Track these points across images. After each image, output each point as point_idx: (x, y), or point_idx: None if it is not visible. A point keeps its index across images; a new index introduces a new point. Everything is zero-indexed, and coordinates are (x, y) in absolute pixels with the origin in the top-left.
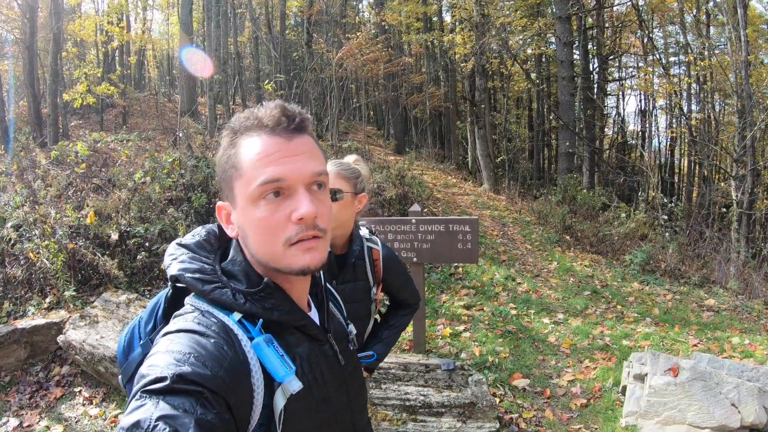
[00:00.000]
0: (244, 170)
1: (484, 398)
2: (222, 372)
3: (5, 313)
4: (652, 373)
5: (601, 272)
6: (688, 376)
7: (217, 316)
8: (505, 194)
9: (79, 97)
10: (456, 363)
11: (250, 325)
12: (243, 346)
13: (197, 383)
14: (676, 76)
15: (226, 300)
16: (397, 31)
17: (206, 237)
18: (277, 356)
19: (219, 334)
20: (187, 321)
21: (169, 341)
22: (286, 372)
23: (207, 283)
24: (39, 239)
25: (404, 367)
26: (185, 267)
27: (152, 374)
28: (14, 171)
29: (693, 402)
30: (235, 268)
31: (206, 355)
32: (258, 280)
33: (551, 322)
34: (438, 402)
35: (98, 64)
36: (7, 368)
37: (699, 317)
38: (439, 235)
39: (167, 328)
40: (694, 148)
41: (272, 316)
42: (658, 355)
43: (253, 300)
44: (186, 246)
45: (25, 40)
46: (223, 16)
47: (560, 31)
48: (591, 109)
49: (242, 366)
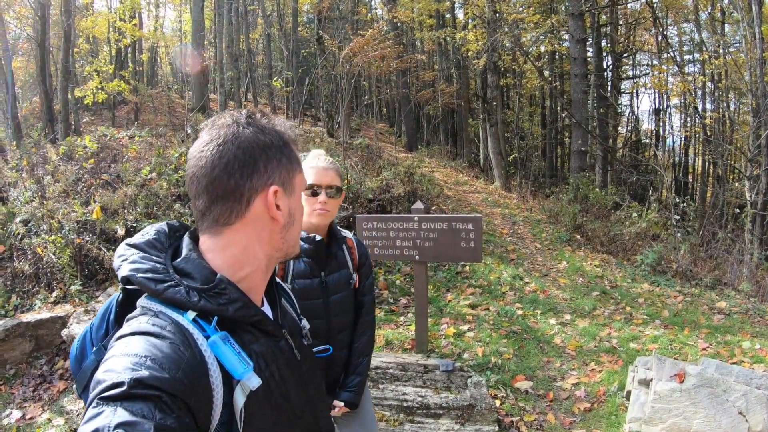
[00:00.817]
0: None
1: (483, 400)
2: (180, 374)
3: (12, 306)
4: (657, 378)
5: (611, 272)
6: (695, 383)
7: (171, 316)
8: (516, 192)
9: (90, 93)
10: (455, 364)
11: (205, 324)
12: (199, 345)
13: (155, 387)
14: (691, 75)
15: (179, 298)
16: (409, 28)
17: (156, 236)
18: (234, 353)
19: (174, 334)
20: (141, 323)
21: (124, 345)
22: (245, 369)
23: (160, 282)
24: (46, 234)
25: (402, 367)
26: (136, 267)
27: (109, 380)
28: (25, 167)
29: (699, 409)
30: (189, 265)
31: (163, 358)
32: (211, 277)
33: (558, 323)
34: (436, 403)
35: (111, 61)
36: (13, 361)
37: (709, 320)
38: (442, 233)
39: (121, 331)
40: (707, 147)
41: (227, 313)
42: (664, 360)
43: (208, 297)
44: (136, 246)
45: (37, 37)
46: (235, 13)
47: (573, 28)
48: (604, 107)
49: (200, 366)
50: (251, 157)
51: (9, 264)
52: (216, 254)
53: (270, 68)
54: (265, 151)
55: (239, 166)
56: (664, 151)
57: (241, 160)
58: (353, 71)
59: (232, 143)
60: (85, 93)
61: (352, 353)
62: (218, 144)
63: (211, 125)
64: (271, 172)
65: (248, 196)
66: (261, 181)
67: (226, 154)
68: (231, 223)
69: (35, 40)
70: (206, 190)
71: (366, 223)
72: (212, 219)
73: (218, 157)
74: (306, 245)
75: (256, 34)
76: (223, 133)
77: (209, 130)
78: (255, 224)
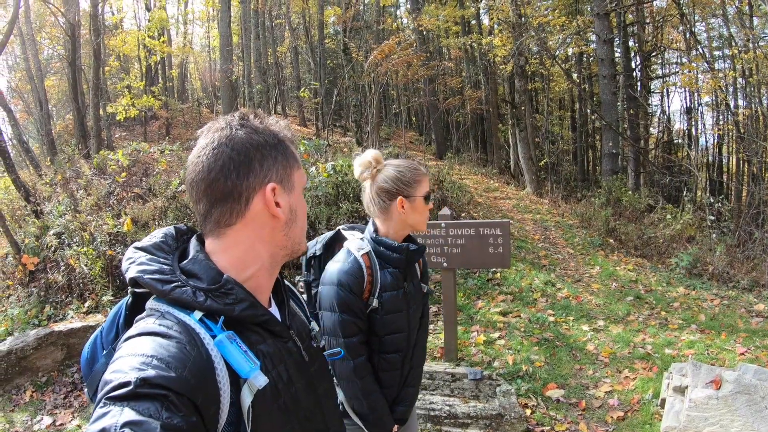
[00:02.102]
0: (300, 167)
1: (512, 410)
2: (186, 373)
3: (46, 316)
4: (692, 385)
5: (645, 276)
6: (732, 389)
7: (178, 316)
8: (548, 197)
9: (122, 109)
10: (484, 372)
11: (212, 323)
12: (206, 345)
13: (162, 386)
14: (721, 71)
15: (186, 299)
16: (435, 36)
17: (163, 238)
18: (240, 352)
19: (181, 334)
20: (148, 323)
21: (131, 345)
22: (251, 367)
23: (166, 283)
24: (78, 246)
25: (430, 375)
26: (143, 269)
27: (116, 380)
28: (59, 181)
29: (736, 417)
30: (195, 266)
31: (169, 357)
32: (218, 277)
33: (590, 329)
34: (464, 413)
35: (141, 77)
36: (45, 369)
37: (747, 323)
38: (469, 239)
39: (129, 332)
40: (741, 145)
41: (234, 312)
42: (700, 366)
43: (214, 297)
44: (143, 248)
45: (68, 56)
46: (262, 27)
47: (599, 29)
48: (634, 108)
49: (206, 365)
50: (246, 157)
51: (43, 275)
52: (220, 255)
53: (298, 80)
54: (259, 150)
55: (235, 166)
56: (697, 150)
57: (236, 160)
58: (380, 80)
59: (226, 145)
60: (116, 109)
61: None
62: (213, 148)
63: (206, 131)
64: (267, 170)
65: (246, 195)
66: (258, 180)
67: (221, 156)
68: (232, 224)
69: (66, 59)
70: (205, 193)
71: None
72: (214, 221)
73: (214, 160)
74: (398, 255)
75: (283, 47)
76: (217, 137)
77: (205, 135)
78: (256, 223)
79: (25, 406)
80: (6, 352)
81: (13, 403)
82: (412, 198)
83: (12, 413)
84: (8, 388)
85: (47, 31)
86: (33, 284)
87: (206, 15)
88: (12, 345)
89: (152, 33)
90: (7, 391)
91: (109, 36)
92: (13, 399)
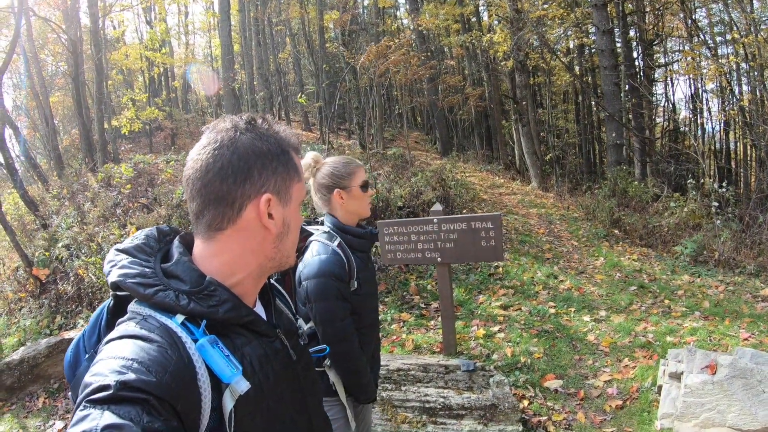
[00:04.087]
0: (302, 181)
1: (506, 400)
2: (167, 377)
3: (57, 326)
4: (688, 371)
5: (650, 266)
6: (727, 374)
7: (159, 319)
8: (553, 191)
9: (126, 122)
10: (477, 364)
11: (194, 327)
12: (187, 349)
13: (142, 390)
14: (724, 57)
15: (168, 302)
16: (435, 35)
17: (145, 240)
18: (222, 357)
19: (162, 337)
20: (129, 327)
21: (111, 348)
22: (233, 372)
23: (148, 287)
24: (86, 257)
25: (424, 368)
26: (125, 272)
27: (96, 383)
28: (65, 195)
29: (733, 402)
30: (178, 269)
31: (150, 361)
32: (201, 280)
33: (592, 320)
34: (458, 404)
35: (145, 89)
36: (57, 376)
37: (752, 309)
38: (461, 234)
39: (110, 335)
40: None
41: (217, 315)
42: (695, 352)
43: (197, 299)
44: (125, 251)
45: (72, 72)
46: (263, 34)
47: (598, 20)
48: (636, 98)
49: (187, 369)
50: (246, 164)
51: (53, 286)
52: (208, 260)
53: (301, 86)
54: (260, 158)
55: (233, 171)
56: (703, 138)
57: (235, 165)
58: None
59: (227, 148)
60: (121, 122)
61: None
62: (214, 148)
63: (211, 129)
64: (265, 179)
65: (240, 202)
66: (254, 189)
67: (221, 158)
68: (223, 229)
69: (70, 75)
70: (200, 193)
71: (387, 228)
72: (205, 223)
73: (213, 161)
74: (363, 240)
75: (285, 53)
76: (220, 138)
77: (209, 133)
78: (247, 232)
79: (38, 412)
80: (19, 361)
81: (27, 409)
82: (348, 189)
83: (26, 419)
84: (21, 395)
85: (50, 48)
86: (44, 295)
87: (207, 25)
88: (24, 354)
89: (153, 45)
90: (21, 399)
91: (111, 50)
92: (26, 406)
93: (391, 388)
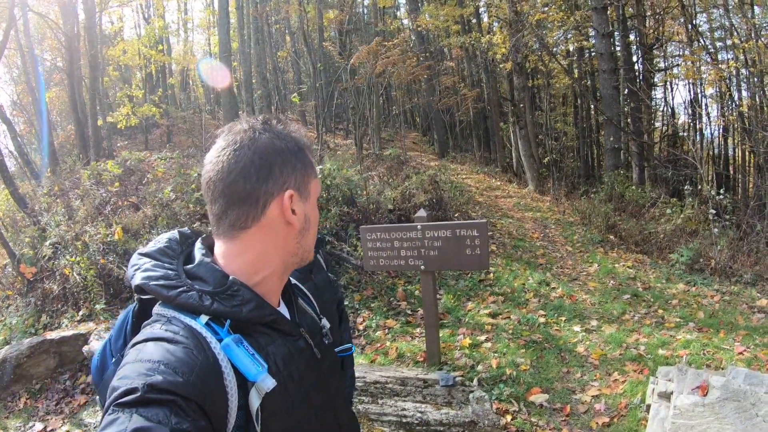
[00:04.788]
0: (317, 177)
1: (486, 417)
2: (194, 377)
3: (42, 325)
4: (678, 391)
5: (644, 273)
6: (719, 396)
7: (184, 321)
8: (550, 195)
9: (123, 119)
10: (456, 378)
11: (218, 327)
12: (212, 349)
13: (170, 392)
14: (724, 62)
15: (192, 303)
16: (435, 36)
17: (168, 243)
18: (247, 355)
19: (187, 338)
20: (155, 329)
21: (137, 351)
22: (258, 370)
23: (172, 289)
24: (72, 256)
25: (402, 381)
26: (149, 275)
27: (123, 386)
28: (56, 192)
29: (725, 426)
30: (201, 270)
31: (176, 362)
32: (224, 280)
33: (582, 330)
34: (436, 420)
35: (143, 86)
36: (38, 376)
37: (748, 320)
38: (446, 241)
39: (135, 339)
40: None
41: (241, 314)
42: (686, 371)
43: (220, 300)
44: (148, 254)
45: (67, 68)
46: (261, 32)
47: (597, 23)
48: (635, 102)
49: (213, 369)
50: (267, 162)
51: (40, 285)
52: (232, 259)
53: (299, 84)
54: (280, 156)
55: (255, 170)
56: (702, 143)
57: (257, 164)
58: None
59: (248, 148)
60: (117, 119)
61: None
62: (234, 149)
63: (227, 131)
64: (286, 176)
65: (264, 200)
66: (276, 186)
67: (242, 158)
68: (247, 227)
69: (65, 71)
70: (222, 194)
71: (370, 234)
72: (228, 223)
73: (234, 161)
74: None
75: (284, 52)
76: (239, 139)
77: (225, 135)
78: (271, 229)
79: (20, 413)
80: (0, 360)
81: (8, 409)
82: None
83: (7, 420)
84: (4, 395)
85: (48, 43)
86: (31, 294)
87: (206, 22)
88: (6, 353)
89: (150, 42)
90: (3, 399)
91: (108, 46)
92: (8, 406)
93: (367, 401)
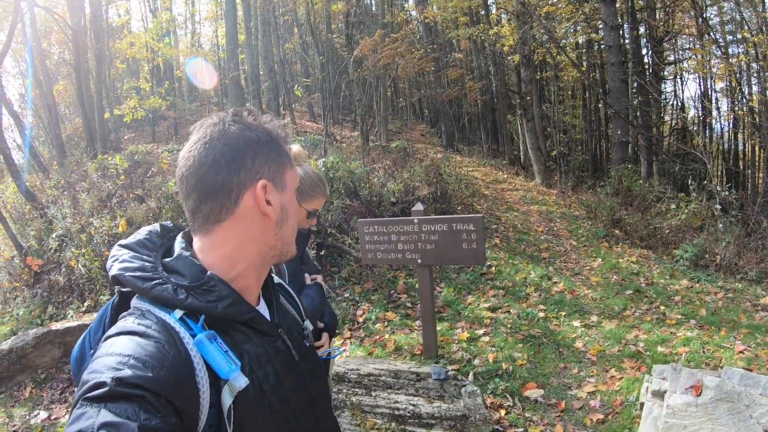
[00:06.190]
0: (294, 167)
1: (477, 411)
2: (164, 372)
3: (48, 316)
4: (671, 390)
5: (648, 269)
6: (713, 396)
7: (157, 314)
8: (557, 188)
9: (129, 111)
10: (449, 372)
11: (192, 322)
12: (185, 344)
13: (139, 386)
14: (734, 56)
15: (166, 296)
16: (443, 28)
17: (148, 236)
18: (220, 352)
19: (159, 333)
20: (127, 322)
21: (109, 344)
22: (231, 368)
23: (147, 281)
24: (77, 248)
25: (395, 374)
26: (125, 266)
27: (92, 380)
28: (63, 184)
29: (717, 427)
30: (179, 263)
31: (147, 356)
32: (201, 275)
33: (581, 326)
34: (428, 413)
35: (150, 78)
36: (44, 366)
37: (751, 318)
38: (442, 235)
39: (108, 332)
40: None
41: (216, 310)
42: (680, 370)
43: (196, 294)
44: (127, 246)
45: (74, 61)
46: (267, 24)
47: (606, 15)
48: (644, 95)
49: (185, 365)
50: (238, 153)
51: (46, 277)
52: (208, 253)
53: (307, 76)
54: (251, 147)
55: (226, 162)
56: (711, 138)
57: (227, 156)
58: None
59: (218, 140)
60: (124, 111)
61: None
62: (205, 143)
63: (199, 126)
64: (258, 166)
65: (237, 191)
66: (249, 176)
67: (212, 151)
68: (221, 220)
69: (72, 64)
70: (195, 188)
71: (367, 228)
72: (203, 217)
73: (205, 154)
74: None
75: (291, 43)
76: (209, 132)
77: (197, 131)
78: (246, 221)
79: (25, 402)
80: (7, 351)
81: (14, 399)
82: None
83: (12, 408)
84: (10, 385)
85: (55, 36)
86: (38, 285)
87: (214, 14)
88: (13, 344)
89: (157, 35)
90: (9, 388)
91: (115, 39)
92: (14, 395)
93: (361, 393)
